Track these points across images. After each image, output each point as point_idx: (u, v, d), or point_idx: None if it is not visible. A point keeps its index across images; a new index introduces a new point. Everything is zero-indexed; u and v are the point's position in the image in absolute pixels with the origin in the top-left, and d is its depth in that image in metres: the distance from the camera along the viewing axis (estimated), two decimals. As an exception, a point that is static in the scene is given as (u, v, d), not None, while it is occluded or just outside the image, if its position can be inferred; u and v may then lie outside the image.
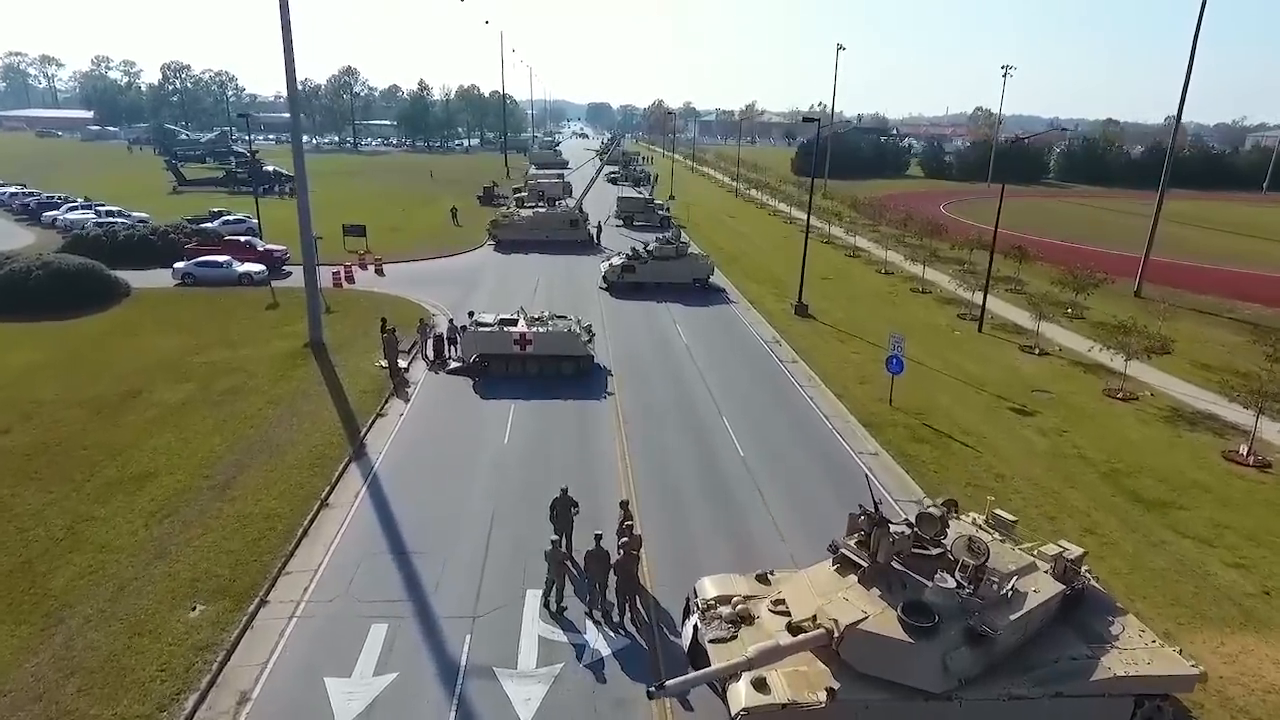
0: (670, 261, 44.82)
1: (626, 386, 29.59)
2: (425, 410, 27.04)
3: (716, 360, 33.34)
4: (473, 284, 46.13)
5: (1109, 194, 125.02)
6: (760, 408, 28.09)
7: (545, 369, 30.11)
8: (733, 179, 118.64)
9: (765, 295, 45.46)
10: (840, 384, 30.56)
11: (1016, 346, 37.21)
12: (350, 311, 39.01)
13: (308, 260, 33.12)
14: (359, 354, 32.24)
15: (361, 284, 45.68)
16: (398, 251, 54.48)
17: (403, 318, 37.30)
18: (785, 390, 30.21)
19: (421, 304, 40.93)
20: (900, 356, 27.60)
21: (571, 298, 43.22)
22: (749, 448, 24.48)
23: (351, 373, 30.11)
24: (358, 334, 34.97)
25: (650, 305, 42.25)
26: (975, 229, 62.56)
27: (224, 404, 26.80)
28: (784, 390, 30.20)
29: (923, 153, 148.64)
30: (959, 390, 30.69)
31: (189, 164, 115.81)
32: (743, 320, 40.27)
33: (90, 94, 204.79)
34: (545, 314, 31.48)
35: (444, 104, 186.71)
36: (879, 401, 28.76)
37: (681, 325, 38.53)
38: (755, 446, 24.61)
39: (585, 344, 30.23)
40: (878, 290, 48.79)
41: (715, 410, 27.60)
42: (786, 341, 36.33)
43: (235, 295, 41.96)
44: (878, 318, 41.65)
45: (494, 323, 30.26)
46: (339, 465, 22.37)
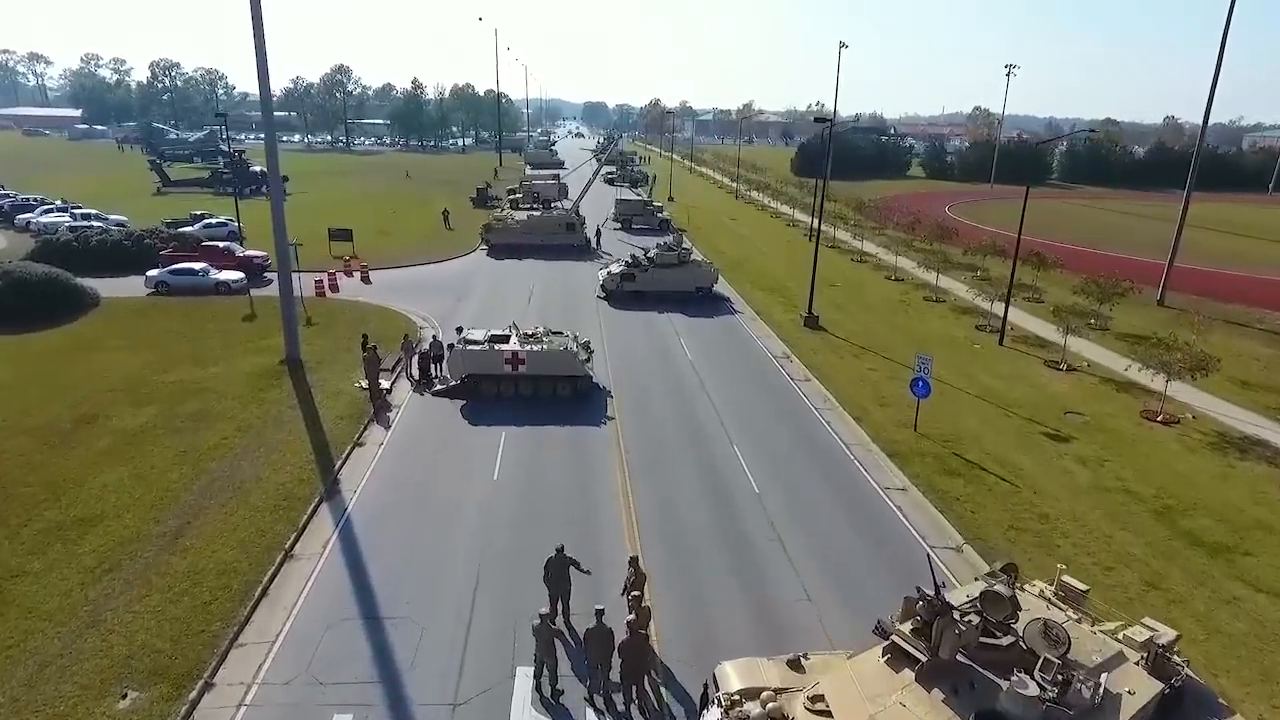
0: (672, 269, 42.49)
1: (628, 409, 27.26)
2: (407, 439, 24.66)
3: (724, 378, 31.03)
4: (463, 292, 43.75)
5: (1113, 195, 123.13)
6: (774, 434, 25.78)
7: (540, 390, 27.78)
8: (732, 179, 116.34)
9: (772, 304, 43.15)
10: (859, 406, 28.26)
11: (1041, 361, 34.96)
12: (332, 324, 36.62)
13: (283, 271, 30.70)
14: (339, 372, 29.85)
15: (346, 292, 43.28)
16: (386, 257, 52.07)
17: (388, 331, 34.97)
18: (800, 413, 27.90)
19: (408, 315, 38.55)
20: (927, 379, 25.32)
21: (568, 308, 40.89)
22: (765, 483, 22.17)
23: (329, 395, 27.71)
24: (339, 349, 32.57)
25: (651, 316, 39.92)
26: (987, 233, 60.45)
27: (187, 431, 24.40)
28: (798, 413, 27.89)
29: (924, 153, 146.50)
30: (986, 412, 28.43)
31: (177, 164, 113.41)
32: (749, 332, 37.95)
33: (78, 92, 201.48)
34: (539, 330, 29.12)
35: (438, 103, 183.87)
36: (903, 426, 26.48)
37: (685, 338, 36.21)
38: (771, 482, 22.30)
39: (583, 363, 27.89)
40: (889, 299, 46.53)
41: (725, 437, 25.29)
42: (797, 357, 34.03)
43: (210, 305, 39.53)
44: (892, 329, 39.40)
45: (483, 340, 27.90)
46: (308, 507, 19.99)
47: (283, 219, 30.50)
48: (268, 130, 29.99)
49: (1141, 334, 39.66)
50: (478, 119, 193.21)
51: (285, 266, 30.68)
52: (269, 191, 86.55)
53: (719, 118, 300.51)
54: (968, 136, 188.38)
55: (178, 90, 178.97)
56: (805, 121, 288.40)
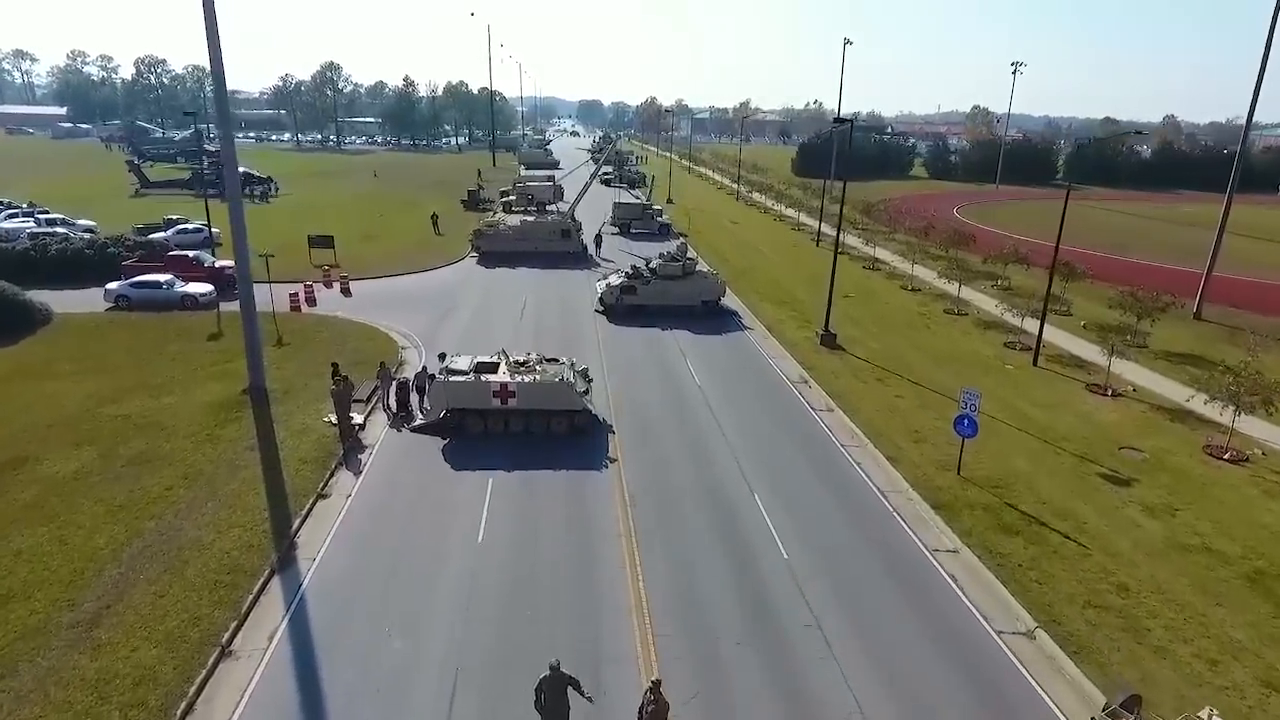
0: (676, 281, 39.33)
1: (631, 449, 24.12)
2: (379, 488, 21.49)
3: (737, 408, 27.91)
4: (451, 305, 40.55)
5: (1120, 195, 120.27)
6: (799, 480, 22.66)
7: (532, 426, 24.64)
8: (732, 180, 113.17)
9: (784, 319, 40.04)
10: (891, 443, 25.18)
11: (1082, 385, 31.93)
12: (306, 343, 33.40)
13: (244, 290, 27.42)
14: (308, 403, 26.65)
15: (324, 306, 40.04)
16: (370, 265, 48.84)
17: (366, 353, 31.80)
18: (826, 453, 24.79)
19: (389, 333, 35.35)
20: (974, 417, 22.24)
21: (564, 324, 37.73)
22: (795, 547, 19.06)
23: (295, 431, 24.52)
24: (310, 375, 29.35)
25: (654, 333, 36.79)
26: (1010, 240, 57.51)
27: (126, 479, 21.21)
28: (824, 453, 24.78)
29: (927, 153, 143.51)
30: (1033, 448, 25.37)
31: (160, 164, 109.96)
32: (762, 353, 34.83)
33: (63, 90, 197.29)
34: (531, 357, 25.94)
35: (430, 101, 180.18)
36: (943, 468, 23.42)
37: (692, 360, 33.09)
38: (802, 545, 19.19)
39: (581, 395, 24.74)
40: (907, 312, 43.46)
41: (744, 484, 22.18)
42: (816, 382, 30.93)
43: (174, 322, 36.27)
44: (915, 348, 36.33)
45: (469, 369, 24.73)
46: (255, 583, 16.82)
47: (243, 230, 27.14)
48: (223, 128, 26.62)
49: (1184, 352, 36.78)
50: (471, 117, 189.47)
51: (247, 286, 27.35)
52: (252, 194, 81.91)
53: (716, 116, 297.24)
54: (967, 136, 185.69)
55: (164, 88, 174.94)
56: (803, 120, 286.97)
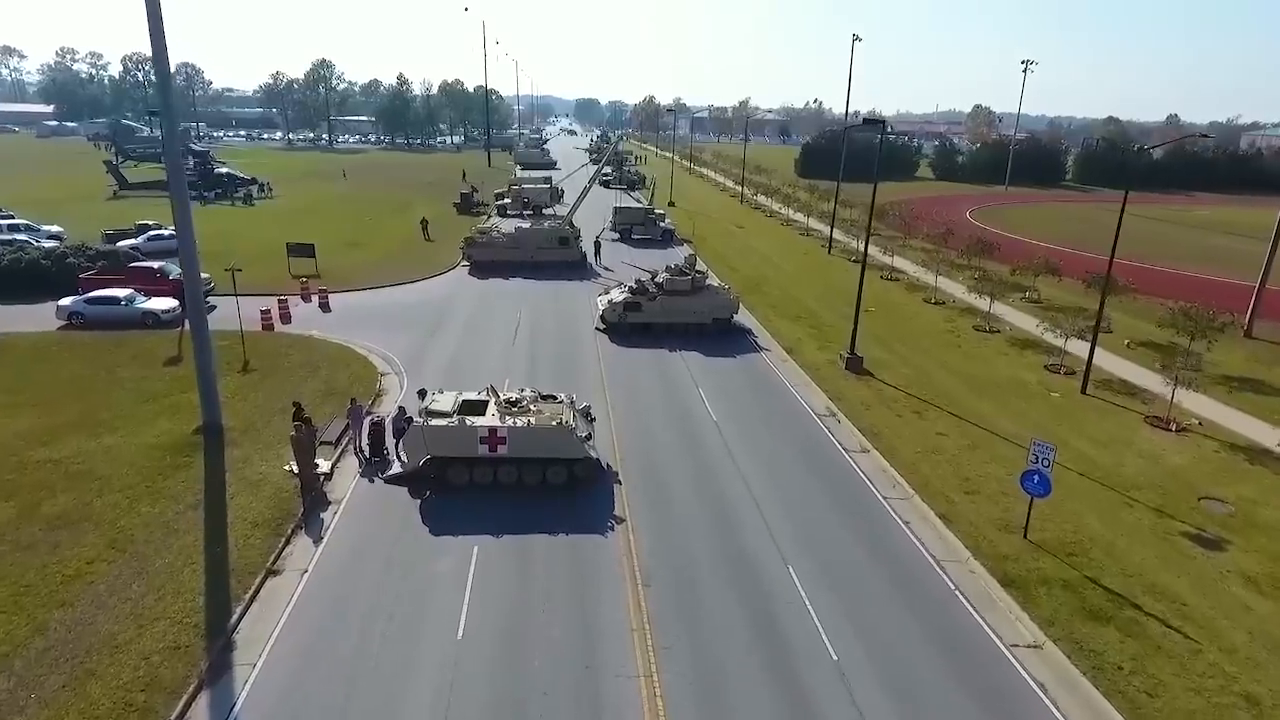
0: (685, 297, 35.92)
1: (642, 507, 20.73)
2: (342, 562, 18.06)
3: (760, 450, 24.53)
4: (438, 322, 37.13)
5: (1132, 198, 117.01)
6: (840, 548, 19.27)
7: (526, 476, 21.26)
8: (734, 181, 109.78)
9: (802, 338, 36.66)
10: (941, 495, 21.81)
11: (1139, 417, 28.62)
12: (274, 369, 29.97)
13: (194, 314, 24.06)
14: (269, 445, 23.23)
15: (299, 323, 36.62)
16: (354, 275, 45.41)
17: (341, 382, 28.40)
18: (866, 508, 21.41)
19: (370, 356, 31.92)
20: (1047, 474, 18.87)
21: (562, 345, 34.33)
22: (844, 640, 15.70)
23: (249, 483, 21.10)
24: (275, 409, 25.92)
25: (661, 356, 33.40)
26: (1034, 247, 54.26)
27: (42, 548, 17.80)
28: (864, 508, 21.40)
29: (934, 153, 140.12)
30: (1101, 501, 22.04)
31: (144, 163, 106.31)
32: (782, 379, 31.45)
33: (50, 87, 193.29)
34: (526, 394, 22.55)
35: (425, 99, 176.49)
36: (1005, 529, 20.07)
37: (705, 388, 29.70)
38: (852, 637, 15.83)
39: (583, 441, 21.34)
40: (934, 328, 40.12)
41: (777, 554, 18.81)
42: (846, 415, 27.55)
43: (132, 343, 32.81)
44: (949, 371, 33.00)
45: (452, 411, 21.33)
46: (174, 708, 13.40)
47: (191, 244, 23.82)
48: (167, 122, 23.24)
49: (1242, 376, 33.55)
50: (467, 116, 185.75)
51: (197, 309, 24.02)
52: (235, 196, 78.29)
53: (714, 115, 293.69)
54: (970, 136, 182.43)
55: (153, 85, 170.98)
56: (803, 119, 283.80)
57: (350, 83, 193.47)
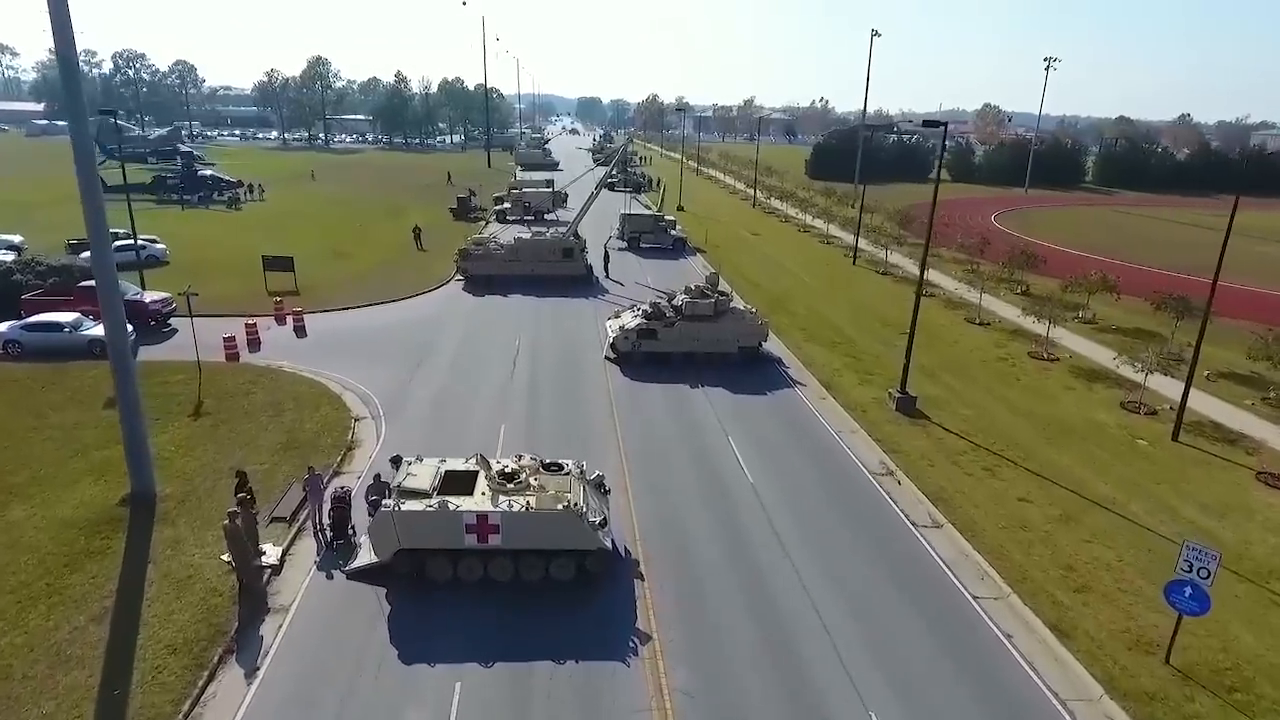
0: (707, 323, 31.55)
1: (672, 619, 16.33)
2: (281, 713, 13.70)
3: (811, 527, 20.14)
4: (426, 349, 32.79)
5: (1157, 201, 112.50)
6: (932, 682, 14.84)
7: (524, 572, 16.92)
8: (744, 183, 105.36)
9: (839, 369, 32.29)
10: (1046, 596, 17.40)
11: (1250, 473, 24.24)
12: (232, 412, 25.64)
13: (117, 354, 19.76)
14: (209, 523, 18.85)
15: (270, 350, 32.31)
16: (336, 292, 41.08)
17: (306, 430, 24.04)
18: (954, 615, 16.97)
19: (345, 394, 27.57)
20: (1204, 586, 14.48)
21: (567, 380, 29.97)
22: None
23: (175, 582, 16.76)
24: (224, 467, 21.61)
25: (681, 393, 29.04)
26: (1085, 261, 49.88)
27: (-113, 687, 13.47)
28: (952, 615, 16.96)
29: (950, 154, 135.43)
30: (1242, 598, 17.64)
31: (130, 164, 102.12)
32: (823, 424, 27.05)
33: (40, 85, 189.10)
34: (525, 463, 18.19)
35: (423, 98, 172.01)
36: (1138, 649, 15.69)
37: (735, 435, 25.32)
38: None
39: (595, 527, 16.96)
40: (984, 356, 35.73)
41: (848, 684, 14.45)
42: (906, 473, 23.17)
43: (72, 377, 28.51)
44: (1014, 412, 28.62)
45: (431, 489, 16.96)
46: None
47: (111, 270, 19.53)
48: (73, 110, 18.95)
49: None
50: (467, 115, 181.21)
51: (120, 353, 19.69)
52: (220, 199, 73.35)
53: (719, 114, 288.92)
54: (978, 135, 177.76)
55: (145, 84, 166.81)
56: (807, 118, 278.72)
57: (349, 81, 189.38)
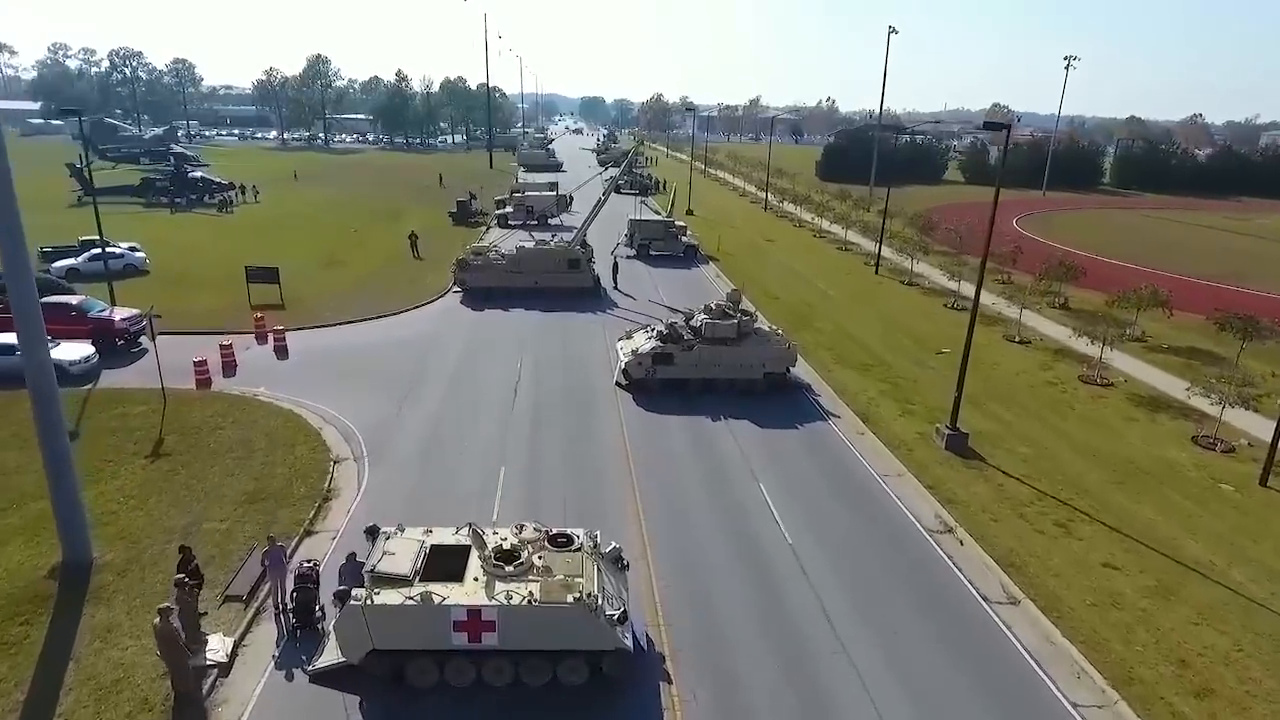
0: (729, 347, 28.47)
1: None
2: None
3: (865, 604, 17.03)
4: (418, 373, 29.77)
5: (1179, 203, 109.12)
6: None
7: (525, 675, 13.85)
8: (754, 185, 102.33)
9: (875, 398, 29.17)
10: (1160, 702, 14.30)
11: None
12: (196, 451, 22.64)
13: (40, 398, 16.75)
14: (152, 601, 15.80)
15: (246, 374, 29.31)
16: (324, 306, 38.10)
17: (277, 475, 20.97)
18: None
19: (324, 430, 24.55)
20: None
21: (574, 411, 26.89)
22: None
23: (99, 688, 13.74)
24: (179, 525, 18.64)
25: (702, 427, 25.96)
26: (1125, 271, 46.73)
27: None
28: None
29: (965, 155, 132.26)
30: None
31: (122, 164, 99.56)
32: (865, 466, 23.92)
33: (37, 84, 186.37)
34: (527, 534, 15.10)
35: (425, 97, 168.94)
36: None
37: (768, 483, 22.23)
38: None
39: (613, 623, 13.86)
40: (1030, 380, 32.61)
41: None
42: (968, 531, 20.05)
43: (19, 408, 24.97)
44: (1074, 449, 25.50)
45: (412, 573, 13.88)
46: None
47: (29, 290, 16.51)
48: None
49: None
50: (469, 115, 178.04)
51: (46, 402, 16.67)
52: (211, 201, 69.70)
53: (724, 114, 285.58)
54: (985, 137, 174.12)
55: (142, 83, 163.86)
56: (813, 118, 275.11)
57: (350, 80, 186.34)
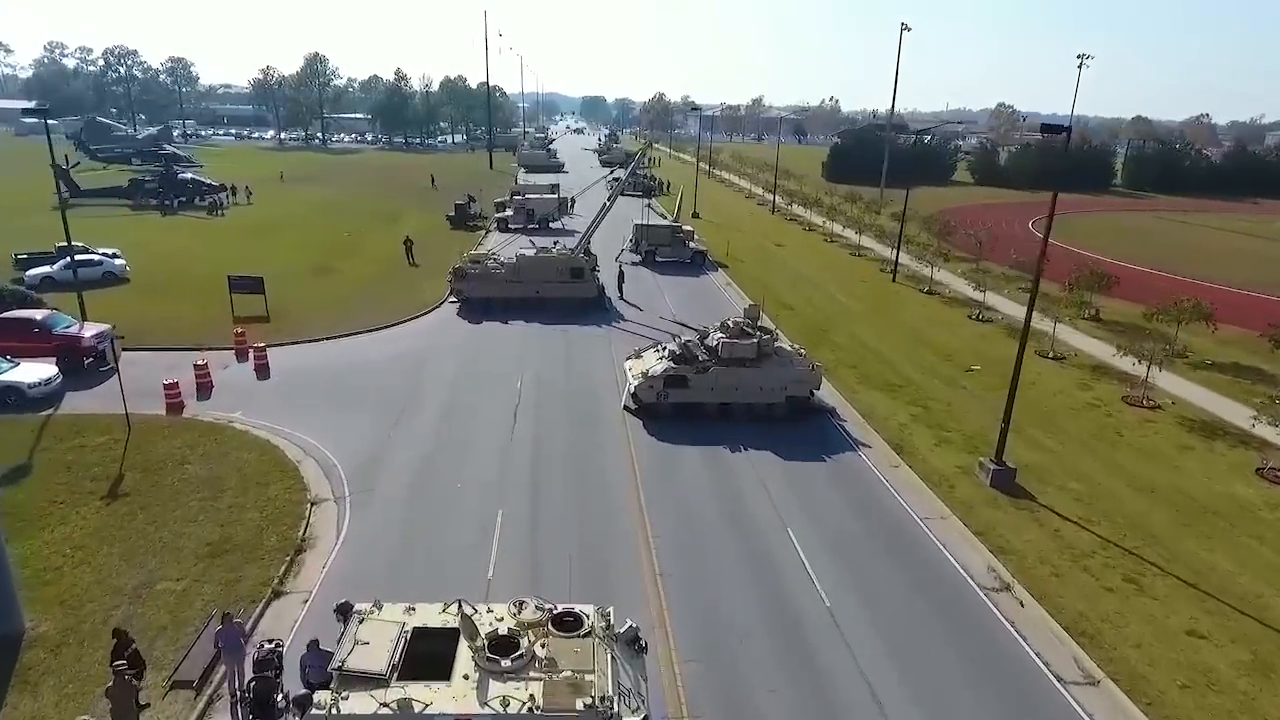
0: (748, 368, 26.09)
1: None
2: None
3: (916, 680, 14.66)
4: (409, 395, 27.40)
5: (1194, 205, 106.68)
6: None
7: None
8: (760, 186, 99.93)
9: (907, 424, 26.77)
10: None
11: None
12: (158, 491, 20.28)
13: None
14: (87, 686, 13.49)
15: (223, 397, 26.95)
16: (312, 317, 35.74)
17: (248, 519, 18.53)
18: None
19: (302, 464, 22.18)
20: None
21: (580, 437, 24.52)
22: None
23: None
24: (129, 585, 16.29)
25: (720, 459, 23.59)
26: (1155, 279, 44.36)
27: None
28: None
29: (975, 156, 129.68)
30: None
31: (114, 165, 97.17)
32: (903, 506, 21.52)
33: (32, 83, 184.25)
34: (527, 614, 12.68)
35: (424, 96, 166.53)
36: None
37: (797, 529, 19.82)
38: None
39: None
40: (1069, 399, 30.23)
41: None
42: (1026, 586, 17.67)
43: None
44: (1130, 483, 23.14)
45: (388, 669, 11.45)
46: None
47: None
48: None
49: None
50: (469, 114, 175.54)
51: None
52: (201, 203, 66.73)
53: (726, 113, 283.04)
54: (993, 136, 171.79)
55: (137, 82, 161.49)
56: (816, 118, 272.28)
57: (349, 79, 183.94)
